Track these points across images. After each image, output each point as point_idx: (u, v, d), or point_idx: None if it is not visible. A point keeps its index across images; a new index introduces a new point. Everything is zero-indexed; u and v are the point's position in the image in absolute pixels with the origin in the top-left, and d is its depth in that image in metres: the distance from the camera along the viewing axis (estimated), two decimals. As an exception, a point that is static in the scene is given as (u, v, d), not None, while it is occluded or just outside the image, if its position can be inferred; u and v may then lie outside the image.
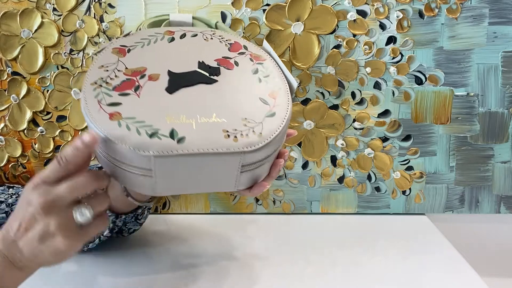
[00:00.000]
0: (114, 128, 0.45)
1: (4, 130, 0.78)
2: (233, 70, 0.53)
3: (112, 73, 0.50)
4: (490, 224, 0.83)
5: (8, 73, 0.77)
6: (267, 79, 0.54)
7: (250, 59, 0.55)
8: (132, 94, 0.48)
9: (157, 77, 0.50)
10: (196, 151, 0.45)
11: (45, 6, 0.75)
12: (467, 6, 0.74)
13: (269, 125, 0.49)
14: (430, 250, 0.66)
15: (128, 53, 0.52)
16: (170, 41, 0.55)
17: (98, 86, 0.48)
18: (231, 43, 0.57)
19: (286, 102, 0.52)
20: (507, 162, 0.79)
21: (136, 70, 0.51)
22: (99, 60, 0.51)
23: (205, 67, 0.52)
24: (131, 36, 0.54)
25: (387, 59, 0.76)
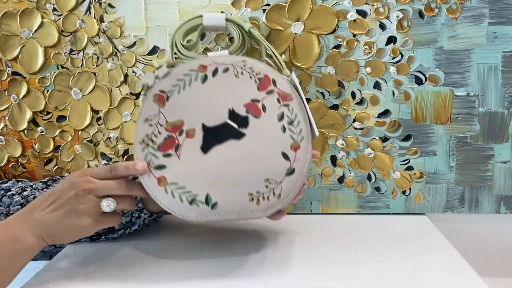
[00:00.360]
0: (162, 195, 0.57)
1: (4, 130, 0.79)
2: (260, 119, 0.58)
3: (156, 128, 0.58)
4: (490, 224, 0.83)
5: (8, 73, 0.77)
6: (291, 127, 0.58)
7: (277, 99, 0.59)
8: (173, 156, 0.58)
9: (193, 132, 0.58)
10: (226, 216, 0.57)
11: (45, 6, 0.75)
12: (467, 6, 0.74)
13: (288, 185, 0.57)
14: (430, 250, 0.66)
15: (167, 101, 0.58)
16: (203, 80, 0.59)
17: (146, 145, 0.58)
18: (261, 78, 0.59)
19: (306, 153, 0.58)
20: (507, 162, 0.79)
21: (175, 125, 0.58)
22: (144, 110, 0.59)
23: (235, 117, 0.58)
24: (168, 76, 0.59)
25: (387, 59, 0.76)
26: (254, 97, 0.59)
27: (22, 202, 0.66)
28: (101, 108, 0.78)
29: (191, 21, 0.68)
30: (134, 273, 0.59)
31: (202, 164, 0.57)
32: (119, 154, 0.80)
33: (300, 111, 0.59)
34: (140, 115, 0.59)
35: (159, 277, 0.58)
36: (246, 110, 0.58)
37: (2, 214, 0.65)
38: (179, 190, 0.57)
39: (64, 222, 0.54)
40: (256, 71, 0.60)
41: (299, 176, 0.58)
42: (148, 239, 0.70)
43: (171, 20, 0.75)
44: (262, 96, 0.59)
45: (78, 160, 0.80)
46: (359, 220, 0.79)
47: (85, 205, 0.54)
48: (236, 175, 0.57)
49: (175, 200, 0.57)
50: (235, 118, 0.58)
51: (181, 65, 0.59)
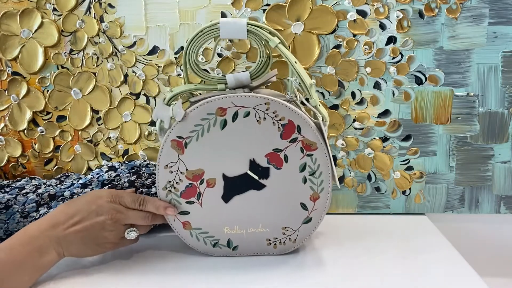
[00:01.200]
0: (188, 237, 0.62)
1: (4, 130, 0.78)
2: (281, 170, 0.59)
3: (177, 175, 0.59)
4: (490, 224, 0.83)
5: (8, 73, 0.77)
6: (313, 178, 0.59)
7: (301, 149, 0.58)
8: (195, 203, 0.60)
9: (213, 182, 0.59)
10: (245, 254, 0.63)
11: (45, 6, 0.75)
12: (467, 6, 0.73)
13: (303, 231, 0.62)
14: (430, 250, 0.66)
15: (186, 148, 0.58)
16: (223, 127, 0.57)
17: (169, 191, 0.60)
18: (285, 124, 0.57)
19: (324, 202, 0.61)
20: (507, 162, 0.79)
21: (195, 174, 0.59)
22: (163, 156, 0.58)
23: (256, 168, 0.59)
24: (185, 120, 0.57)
25: (387, 59, 0.76)
26: (277, 146, 0.58)
27: (36, 200, 0.67)
28: (101, 108, 0.78)
29: (206, 33, 0.59)
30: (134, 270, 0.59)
31: (223, 212, 0.60)
32: (119, 154, 0.80)
33: (323, 162, 0.59)
34: (160, 161, 0.59)
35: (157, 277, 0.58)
36: (267, 160, 0.58)
37: (18, 212, 0.65)
38: (203, 235, 0.62)
39: (87, 243, 0.56)
40: (280, 116, 0.57)
41: (315, 223, 0.62)
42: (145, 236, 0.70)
43: (171, 20, 0.75)
44: (285, 145, 0.58)
45: (78, 160, 0.80)
46: (359, 220, 0.79)
47: (110, 232, 0.57)
48: (256, 223, 0.61)
49: (200, 243, 0.62)
50: (256, 169, 0.59)
51: (198, 108, 0.56)
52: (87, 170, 0.81)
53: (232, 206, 0.60)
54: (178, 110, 0.56)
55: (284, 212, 0.61)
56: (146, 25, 0.75)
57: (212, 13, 0.74)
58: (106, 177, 0.71)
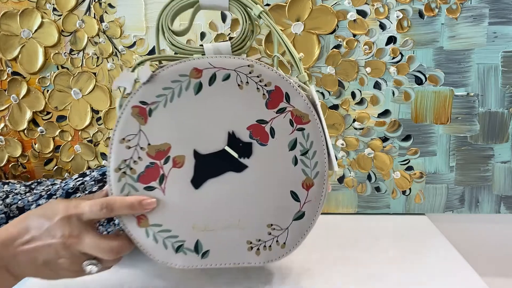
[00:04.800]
0: (142, 237, 0.47)
1: (4, 130, 0.78)
2: (267, 146, 0.47)
3: (135, 152, 0.47)
4: (490, 224, 0.83)
5: (8, 73, 0.77)
6: (305, 159, 0.48)
7: (290, 121, 0.48)
8: (157, 189, 0.47)
9: (182, 161, 0.47)
10: (219, 265, 0.49)
11: (45, 6, 0.75)
12: (467, 6, 0.74)
13: (295, 231, 0.49)
14: (430, 250, 0.66)
15: (150, 116, 0.46)
16: (197, 91, 0.47)
17: (123, 174, 0.47)
18: (271, 90, 0.47)
19: (320, 193, 0.49)
20: (507, 162, 0.79)
21: (159, 150, 0.47)
22: (120, 126, 0.46)
23: (236, 143, 0.47)
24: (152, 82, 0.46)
25: (387, 59, 0.76)
26: (261, 117, 0.47)
27: (5, 210, 0.61)
28: (101, 108, 0.78)
29: None
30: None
31: (192, 201, 0.47)
32: (119, 154, 0.80)
33: (317, 138, 0.48)
34: (115, 132, 0.46)
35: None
36: (250, 134, 0.47)
37: None
38: (163, 234, 0.47)
39: (39, 268, 0.45)
40: (266, 81, 0.47)
41: (309, 221, 0.48)
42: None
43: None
44: (271, 116, 0.47)
45: (78, 160, 0.80)
46: (359, 220, 0.79)
47: (65, 260, 0.44)
48: (233, 217, 0.48)
49: (158, 246, 0.47)
50: (235, 145, 0.47)
51: (168, 67, 0.46)
52: (87, 170, 0.81)
53: (204, 193, 0.47)
54: (144, 70, 0.46)
55: (270, 203, 0.48)
56: (146, 25, 0.75)
57: (212, 13, 0.74)
58: (71, 186, 0.63)
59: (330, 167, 0.48)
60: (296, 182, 0.48)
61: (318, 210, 0.49)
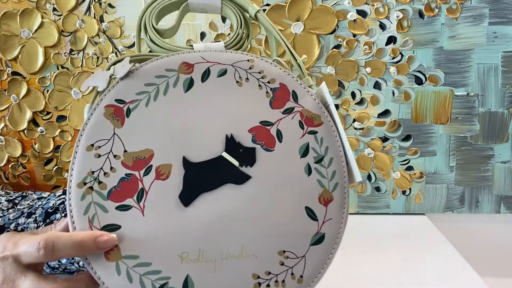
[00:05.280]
0: (112, 275, 0.34)
1: (4, 130, 0.78)
2: (274, 152, 0.39)
3: (107, 162, 0.36)
4: (490, 224, 0.83)
5: (8, 73, 0.77)
6: (320, 167, 0.39)
7: (299, 123, 0.40)
8: (134, 209, 0.36)
9: (167, 171, 0.37)
10: None
11: (45, 6, 0.75)
12: (467, 6, 0.74)
13: (313, 259, 0.37)
14: (430, 250, 0.66)
15: (128, 117, 0.38)
16: (187, 88, 0.39)
17: (88, 190, 0.36)
18: (275, 88, 0.40)
19: (341, 208, 0.39)
20: (507, 162, 0.79)
21: (139, 158, 0.37)
22: (89, 130, 0.37)
23: (235, 149, 0.38)
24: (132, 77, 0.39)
25: (387, 59, 0.76)
26: (265, 118, 0.40)
27: None
28: (101, 108, 0.78)
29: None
30: None
31: (180, 223, 0.36)
32: (119, 154, 0.80)
33: (333, 143, 0.40)
34: (82, 137, 0.37)
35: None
36: (252, 137, 0.39)
37: None
38: (140, 269, 0.35)
39: None
40: (269, 77, 0.41)
41: (330, 245, 0.38)
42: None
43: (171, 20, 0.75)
44: (278, 117, 0.40)
45: (78, 160, 0.80)
46: (359, 220, 0.79)
47: None
48: (234, 243, 0.36)
49: (133, 285, 0.35)
50: (235, 150, 0.39)
51: (153, 61, 0.40)
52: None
53: (196, 212, 0.36)
54: (122, 64, 0.39)
55: (281, 223, 0.38)
56: (146, 25, 0.75)
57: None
58: (51, 205, 0.56)
59: (351, 177, 0.40)
60: (312, 196, 0.38)
61: (340, 232, 0.39)
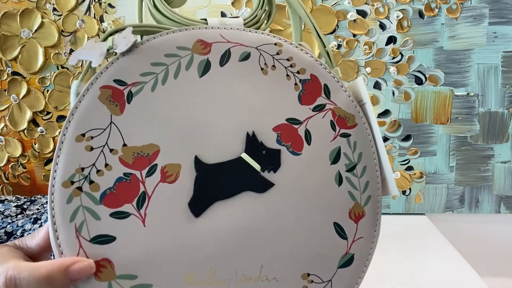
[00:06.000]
0: None
1: (4, 130, 0.78)
2: (300, 156, 0.33)
3: (101, 157, 0.30)
4: (490, 224, 0.83)
5: (8, 73, 0.76)
6: (352, 176, 0.34)
7: (331, 123, 0.34)
8: (133, 217, 0.30)
9: (176, 173, 0.31)
10: None
11: (45, 6, 0.75)
12: (467, 6, 0.74)
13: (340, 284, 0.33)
14: (430, 250, 0.66)
15: (129, 103, 0.31)
16: (203, 72, 0.32)
17: (76, 191, 0.29)
18: (306, 80, 0.34)
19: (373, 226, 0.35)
20: (507, 162, 0.79)
21: (141, 154, 0.31)
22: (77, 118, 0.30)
23: (257, 151, 0.33)
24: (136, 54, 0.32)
25: (387, 59, 0.76)
26: (293, 115, 0.34)
27: None
28: (101, 108, 0.78)
29: None
30: None
31: (188, 237, 0.30)
32: (119, 154, 0.80)
33: (367, 149, 0.35)
34: (70, 125, 0.30)
35: None
36: (277, 137, 0.33)
37: None
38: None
39: None
40: (299, 66, 0.34)
41: (359, 269, 0.34)
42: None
43: (171, 20, 0.75)
44: (307, 115, 0.34)
45: (78, 160, 0.80)
46: (359, 220, 0.79)
47: None
48: (252, 263, 0.31)
49: None
50: (257, 152, 0.33)
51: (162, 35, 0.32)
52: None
53: (209, 223, 0.31)
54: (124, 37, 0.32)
55: (306, 241, 0.32)
56: (146, 25, 0.75)
57: (212, 13, 0.74)
58: None
59: (385, 190, 0.35)
60: (342, 210, 0.33)
61: (371, 253, 0.35)
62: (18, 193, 0.79)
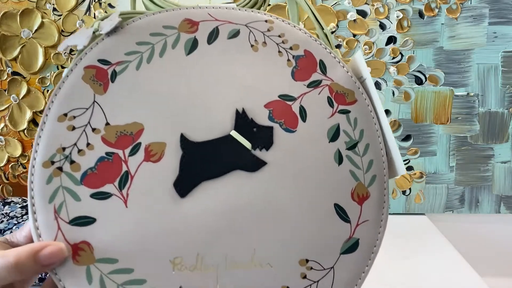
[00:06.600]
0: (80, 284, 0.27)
1: (4, 130, 0.78)
2: (295, 134, 0.31)
3: (83, 136, 0.29)
4: (490, 224, 0.83)
5: (8, 73, 0.76)
6: (353, 155, 0.32)
7: (328, 99, 0.32)
8: (114, 198, 0.28)
9: (160, 151, 0.29)
10: None
11: (45, 6, 0.75)
12: (467, 6, 0.74)
13: (344, 272, 0.30)
14: (430, 250, 0.66)
15: (113, 82, 0.30)
16: (190, 50, 0.31)
17: (57, 171, 0.28)
18: (299, 56, 0.33)
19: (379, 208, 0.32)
20: (507, 162, 0.79)
21: (124, 133, 0.29)
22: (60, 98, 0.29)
23: (247, 128, 0.31)
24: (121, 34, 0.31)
25: (387, 59, 0.76)
26: (286, 92, 0.32)
27: None
28: (101, 108, 0.78)
29: None
30: None
31: (173, 220, 0.29)
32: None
33: (369, 126, 0.33)
34: (53, 105, 0.29)
35: None
36: (269, 114, 0.31)
37: None
38: (118, 277, 0.28)
39: None
40: (291, 42, 0.33)
41: (366, 255, 0.31)
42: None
43: None
44: (301, 91, 0.32)
45: (78, 160, 0.80)
46: (359, 220, 0.79)
47: None
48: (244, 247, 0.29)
49: None
50: (247, 129, 0.31)
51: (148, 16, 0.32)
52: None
53: (196, 205, 0.29)
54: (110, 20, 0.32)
55: (303, 224, 0.30)
56: (146, 25, 0.75)
57: None
58: None
59: (392, 170, 0.33)
60: (343, 191, 0.31)
61: (379, 238, 0.31)
62: (18, 193, 0.79)
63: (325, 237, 0.30)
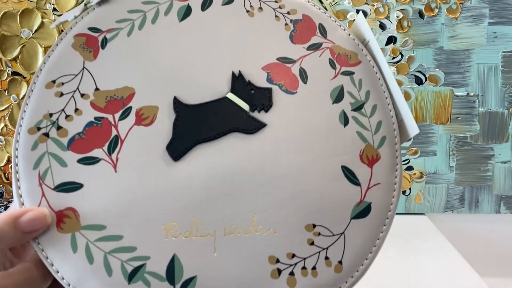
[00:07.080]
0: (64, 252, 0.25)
1: (4, 130, 0.78)
2: (296, 95, 0.30)
3: (71, 102, 0.28)
4: (490, 224, 0.83)
5: (8, 73, 0.76)
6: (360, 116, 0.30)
7: (330, 61, 0.31)
8: (103, 162, 0.27)
9: (152, 115, 0.28)
10: None
11: (45, 6, 0.75)
12: (467, 6, 0.73)
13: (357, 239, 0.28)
14: (430, 250, 0.66)
15: (103, 48, 0.29)
16: (183, 18, 0.31)
17: (42, 137, 0.27)
18: (297, 20, 0.32)
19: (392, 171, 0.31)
20: (507, 162, 0.79)
21: (114, 97, 0.28)
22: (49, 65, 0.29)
23: (245, 90, 0.29)
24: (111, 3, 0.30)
25: (387, 59, 0.76)
26: (285, 54, 0.31)
27: None
28: (101, 108, 0.78)
29: None
30: None
31: (166, 183, 0.27)
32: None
33: (376, 87, 0.31)
34: (41, 73, 0.29)
35: None
36: (267, 76, 0.30)
37: None
38: (106, 245, 0.26)
39: None
40: (288, 7, 0.32)
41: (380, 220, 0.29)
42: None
43: None
44: (301, 53, 0.31)
45: (78, 160, 0.80)
46: (359, 220, 0.79)
47: None
48: (242, 212, 0.27)
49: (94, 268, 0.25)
50: (244, 92, 0.29)
51: None
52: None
53: (190, 169, 0.27)
54: None
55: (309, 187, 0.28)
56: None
57: None
58: None
59: (403, 132, 0.31)
60: (351, 152, 0.29)
61: (393, 202, 0.30)
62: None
63: (333, 201, 0.28)
